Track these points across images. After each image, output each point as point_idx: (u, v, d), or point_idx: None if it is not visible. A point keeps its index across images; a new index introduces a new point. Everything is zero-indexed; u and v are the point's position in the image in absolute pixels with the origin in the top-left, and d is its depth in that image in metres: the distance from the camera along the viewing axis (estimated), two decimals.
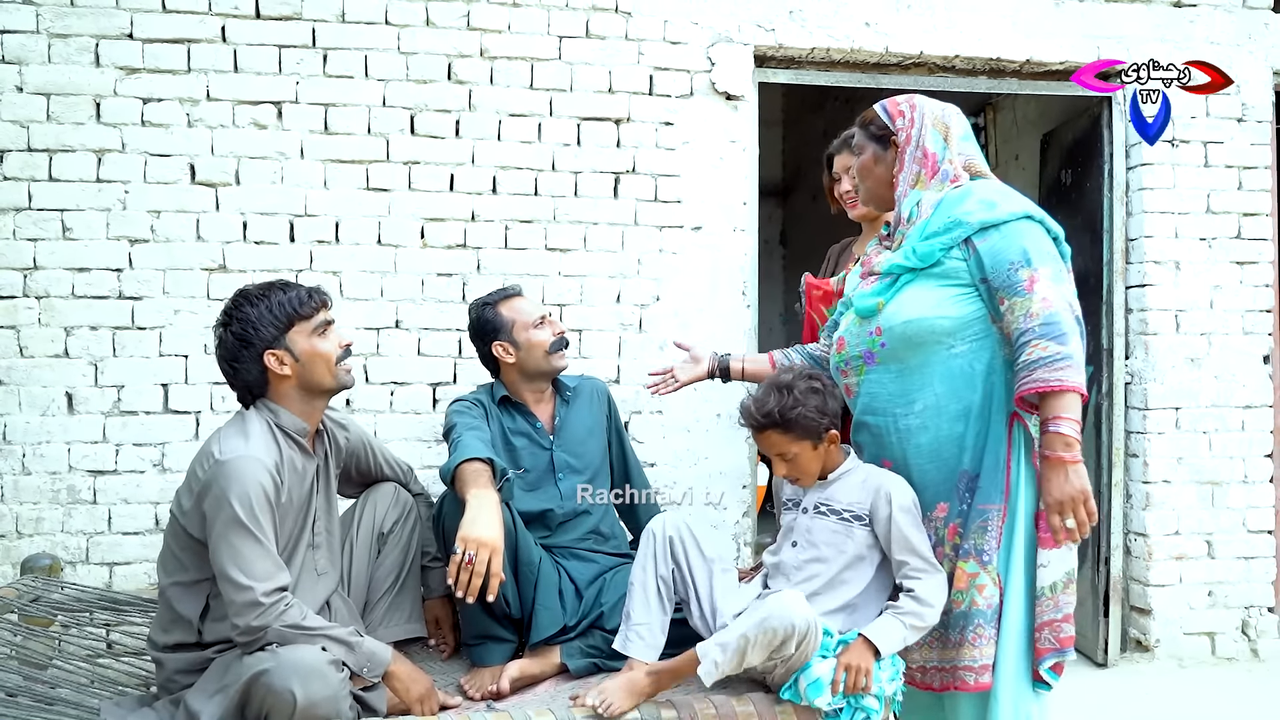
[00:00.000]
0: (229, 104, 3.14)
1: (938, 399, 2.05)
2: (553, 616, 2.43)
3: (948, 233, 2.01)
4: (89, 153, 3.08)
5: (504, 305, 2.66)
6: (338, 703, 1.92)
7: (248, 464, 2.00)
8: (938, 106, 2.15)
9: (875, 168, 2.20)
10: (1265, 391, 3.66)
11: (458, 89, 3.26)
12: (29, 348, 3.06)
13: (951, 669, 2.03)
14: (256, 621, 1.94)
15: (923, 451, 2.08)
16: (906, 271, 2.06)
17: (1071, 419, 1.88)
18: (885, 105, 2.18)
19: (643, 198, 3.37)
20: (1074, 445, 1.88)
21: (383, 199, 3.23)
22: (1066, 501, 1.90)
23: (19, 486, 3.05)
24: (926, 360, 2.04)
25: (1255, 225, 3.67)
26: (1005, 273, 1.96)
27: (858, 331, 2.14)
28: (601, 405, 2.79)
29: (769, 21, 3.41)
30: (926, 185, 2.11)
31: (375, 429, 3.21)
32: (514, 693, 2.36)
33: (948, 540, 2.07)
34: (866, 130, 2.22)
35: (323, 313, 2.17)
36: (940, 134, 2.12)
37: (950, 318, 2.01)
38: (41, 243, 3.06)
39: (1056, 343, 1.88)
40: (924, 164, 2.11)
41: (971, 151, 2.16)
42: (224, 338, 2.12)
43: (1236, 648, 3.63)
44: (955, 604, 2.04)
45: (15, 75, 3.04)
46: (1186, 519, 3.61)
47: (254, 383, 2.13)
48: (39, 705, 2.08)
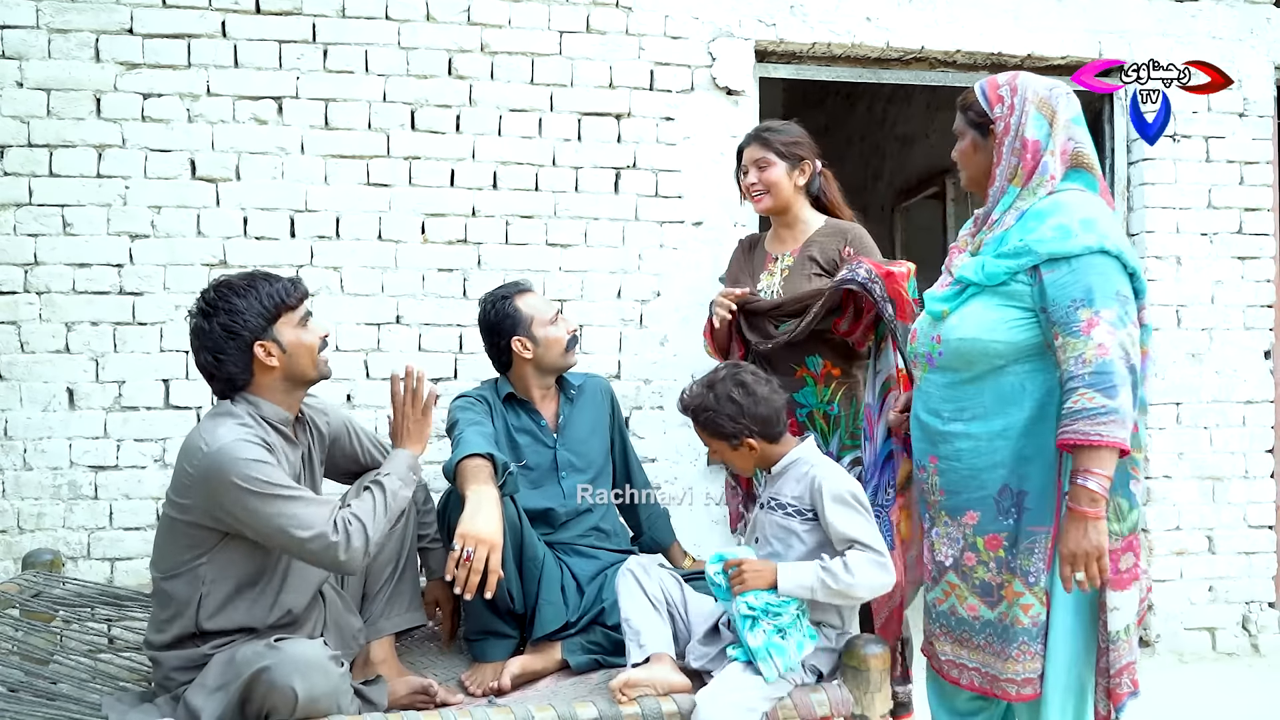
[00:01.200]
0: (229, 99, 3.14)
1: (985, 411, 2.02)
2: (556, 612, 2.43)
3: (1016, 258, 1.94)
4: (89, 148, 3.08)
5: (520, 300, 2.64)
6: (338, 697, 1.92)
7: (236, 446, 1.98)
8: (1044, 87, 2.00)
9: (975, 155, 2.08)
10: (1266, 387, 3.67)
11: (458, 84, 3.26)
12: (30, 343, 3.06)
13: (994, 678, 2.04)
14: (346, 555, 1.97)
15: (961, 457, 2.06)
16: (974, 284, 2.02)
17: (1102, 474, 1.83)
18: (984, 88, 2.04)
19: (643, 193, 3.37)
20: (1100, 501, 1.84)
21: (383, 194, 3.23)
22: (1080, 556, 1.86)
23: (20, 482, 3.05)
24: (978, 376, 2.03)
25: (1256, 220, 3.67)
26: (1065, 309, 1.88)
27: (927, 330, 2.13)
28: (605, 404, 2.78)
29: (770, 16, 3.41)
30: (1025, 181, 1.99)
31: (376, 425, 3.21)
32: (515, 689, 2.35)
33: (986, 550, 2.04)
34: (965, 116, 2.09)
35: (305, 303, 2.16)
36: (1045, 119, 1.98)
37: (1005, 343, 1.97)
38: (42, 238, 3.06)
39: (1104, 395, 1.82)
40: (1023, 156, 1.99)
41: (1080, 138, 2.02)
42: (208, 329, 2.06)
43: (1237, 643, 3.64)
44: (1002, 618, 2.03)
45: (16, 70, 3.04)
46: (1187, 514, 3.61)
47: (237, 374, 2.10)
48: (40, 700, 2.07)
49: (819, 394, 2.66)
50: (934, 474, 2.13)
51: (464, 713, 1.97)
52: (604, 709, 2.00)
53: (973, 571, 2.07)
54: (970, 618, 2.07)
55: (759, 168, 2.73)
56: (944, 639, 2.14)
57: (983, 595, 2.05)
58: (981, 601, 2.05)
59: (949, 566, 2.11)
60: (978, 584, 2.06)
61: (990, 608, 2.04)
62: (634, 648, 2.22)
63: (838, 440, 2.65)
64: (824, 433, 2.66)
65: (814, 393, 2.67)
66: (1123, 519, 1.96)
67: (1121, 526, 1.96)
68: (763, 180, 2.73)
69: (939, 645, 2.15)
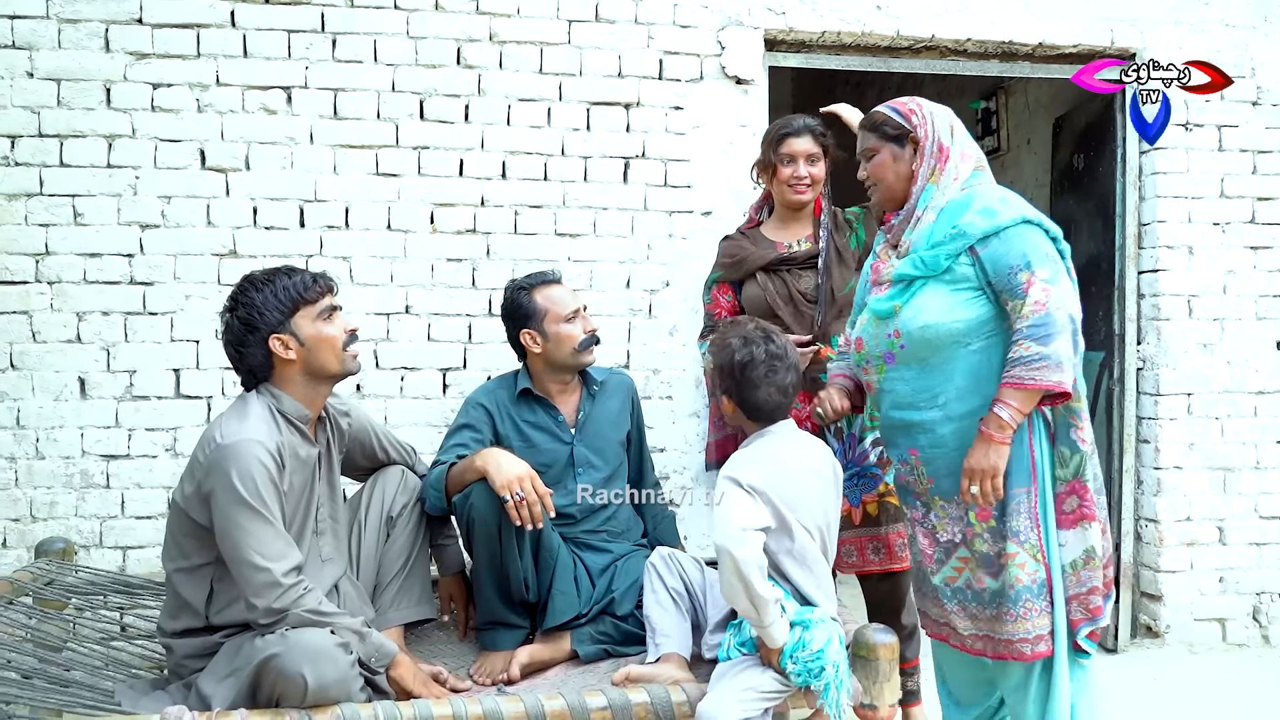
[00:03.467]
0: (239, 89, 3.15)
1: (959, 392, 2.15)
2: (569, 602, 2.44)
3: (952, 242, 2.12)
4: (99, 138, 3.09)
5: (539, 292, 2.61)
6: (348, 685, 1.94)
7: (249, 446, 2.01)
8: (936, 105, 2.29)
9: (894, 165, 2.26)
10: (1278, 377, 3.65)
11: (467, 74, 3.26)
12: (41, 333, 3.07)
13: (1006, 641, 2.13)
14: (278, 604, 1.96)
15: (947, 442, 2.17)
16: (918, 278, 2.17)
17: (1016, 408, 2.04)
18: (895, 107, 2.28)
19: (652, 182, 3.36)
20: (1006, 429, 2.05)
21: (392, 184, 3.23)
22: (978, 472, 2.07)
23: (33, 471, 3.07)
24: (945, 359, 2.15)
25: (1269, 210, 3.65)
26: (1006, 276, 2.08)
27: (875, 333, 2.24)
28: (626, 402, 2.76)
29: (779, 5, 3.40)
30: (939, 179, 2.21)
31: (385, 414, 3.22)
32: (524, 678, 2.37)
33: (979, 523, 2.16)
34: (879, 132, 2.28)
35: (328, 297, 2.17)
36: (948, 129, 2.24)
37: (964, 320, 2.12)
38: (53, 228, 3.07)
39: (1039, 344, 2.01)
40: (939, 158, 2.22)
41: (974, 148, 2.28)
42: (230, 323, 2.13)
43: (1247, 634, 3.63)
44: (1004, 584, 2.13)
45: (26, 60, 3.05)
46: (1198, 505, 3.61)
47: (258, 367, 2.14)
48: (54, 688, 2.09)
49: None
50: (919, 464, 2.23)
51: (473, 701, 1.98)
52: (613, 698, 2.01)
53: (974, 546, 2.18)
54: (979, 589, 2.18)
55: (811, 162, 2.71)
56: (962, 615, 2.21)
57: (986, 567, 2.17)
58: (987, 573, 2.17)
59: (958, 544, 2.21)
60: (980, 557, 2.17)
61: (994, 578, 2.16)
62: (651, 645, 2.29)
63: (860, 422, 2.64)
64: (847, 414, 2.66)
65: None
66: (1065, 465, 2.14)
67: (1065, 472, 2.14)
68: (813, 175, 2.72)
69: (958, 622, 2.22)
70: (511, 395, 2.64)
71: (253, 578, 1.96)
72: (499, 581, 2.44)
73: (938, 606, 2.26)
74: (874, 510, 2.66)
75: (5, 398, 3.06)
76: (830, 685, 2.01)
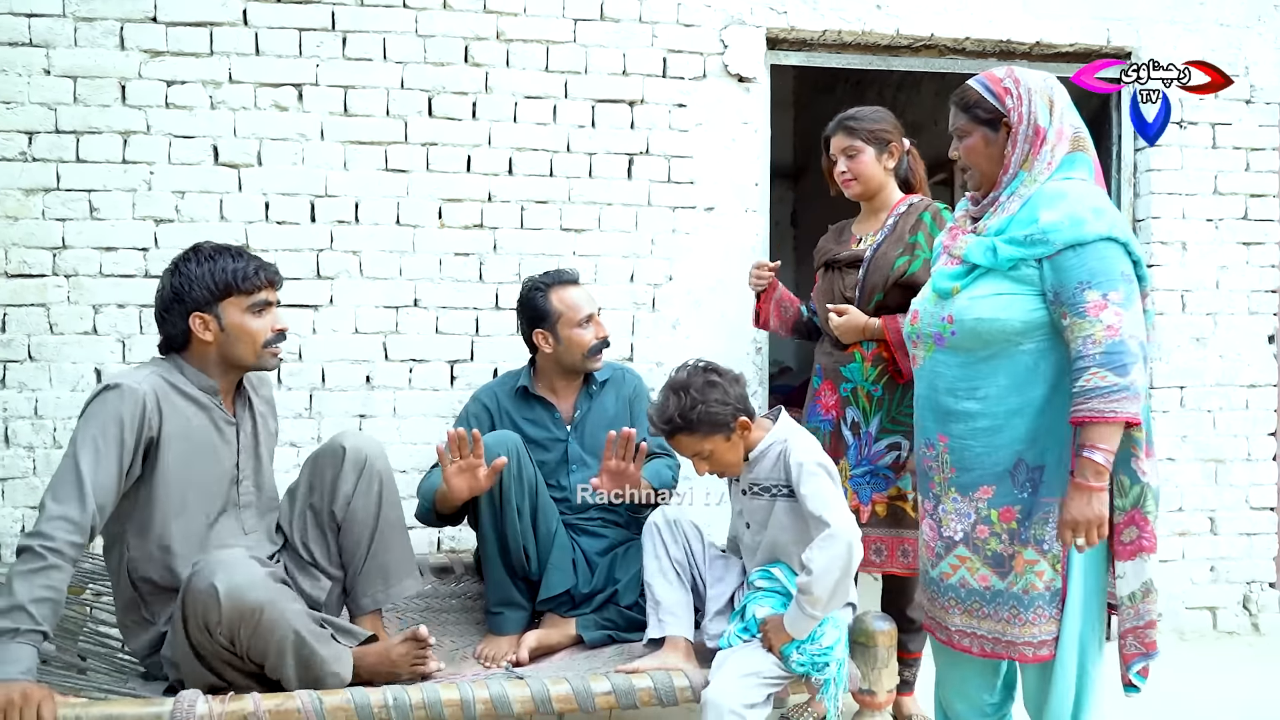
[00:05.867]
0: (251, 86, 3.20)
1: (1000, 390, 2.08)
2: (562, 578, 2.50)
3: (1031, 247, 2.01)
4: (115, 134, 3.15)
5: (555, 294, 2.65)
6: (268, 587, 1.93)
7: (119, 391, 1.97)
8: (1039, 78, 2.11)
9: (987, 150, 2.13)
10: (1270, 371, 3.70)
11: (475, 71, 3.31)
12: (58, 325, 3.14)
13: (1009, 643, 2.11)
14: (22, 540, 1.88)
15: (977, 434, 2.11)
16: (984, 267, 2.09)
17: (1106, 449, 1.93)
18: (988, 85, 2.12)
19: (656, 179, 3.42)
20: (1103, 474, 1.94)
21: (401, 180, 3.29)
22: (1083, 523, 1.96)
23: (50, 459, 3.13)
24: (994, 354, 2.08)
25: (1262, 206, 3.70)
26: (1072, 291, 1.97)
27: (932, 310, 2.17)
28: (627, 400, 2.79)
29: (781, 4, 3.45)
30: (1033, 164, 2.08)
31: (395, 406, 3.28)
32: (531, 661, 2.41)
33: (999, 523, 2.11)
34: (971, 113, 2.15)
35: (264, 292, 2.13)
36: (1047, 107, 2.08)
37: (1021, 320, 2.04)
38: (70, 223, 3.13)
39: (1115, 374, 1.91)
40: (1033, 141, 2.07)
41: (1076, 122, 2.12)
42: (163, 285, 2.12)
43: (1238, 622, 3.69)
44: (1010, 586, 2.09)
45: (43, 58, 3.10)
46: (1190, 496, 3.66)
47: (174, 336, 2.12)
48: (70, 672, 2.13)
49: (864, 371, 2.65)
50: (944, 451, 2.17)
51: (480, 685, 2.00)
52: (617, 683, 2.04)
53: (985, 544, 2.12)
54: (982, 588, 2.13)
55: (848, 156, 2.70)
56: (954, 610, 2.18)
57: (994, 566, 2.11)
58: (993, 572, 2.11)
59: (959, 540, 2.15)
60: (989, 555, 2.12)
61: (1000, 578, 2.11)
62: (653, 620, 2.27)
63: (878, 422, 2.64)
64: (865, 411, 2.66)
65: (859, 369, 2.65)
66: (1124, 495, 2.05)
67: (1124, 502, 2.05)
68: (851, 169, 2.70)
69: (949, 618, 2.19)
70: (510, 393, 2.72)
71: (37, 520, 1.91)
72: (503, 552, 2.49)
73: (930, 601, 2.24)
74: (882, 511, 2.64)
75: (24, 388, 3.12)
76: (831, 681, 2.04)
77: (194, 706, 1.85)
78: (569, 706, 2.02)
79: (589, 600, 2.55)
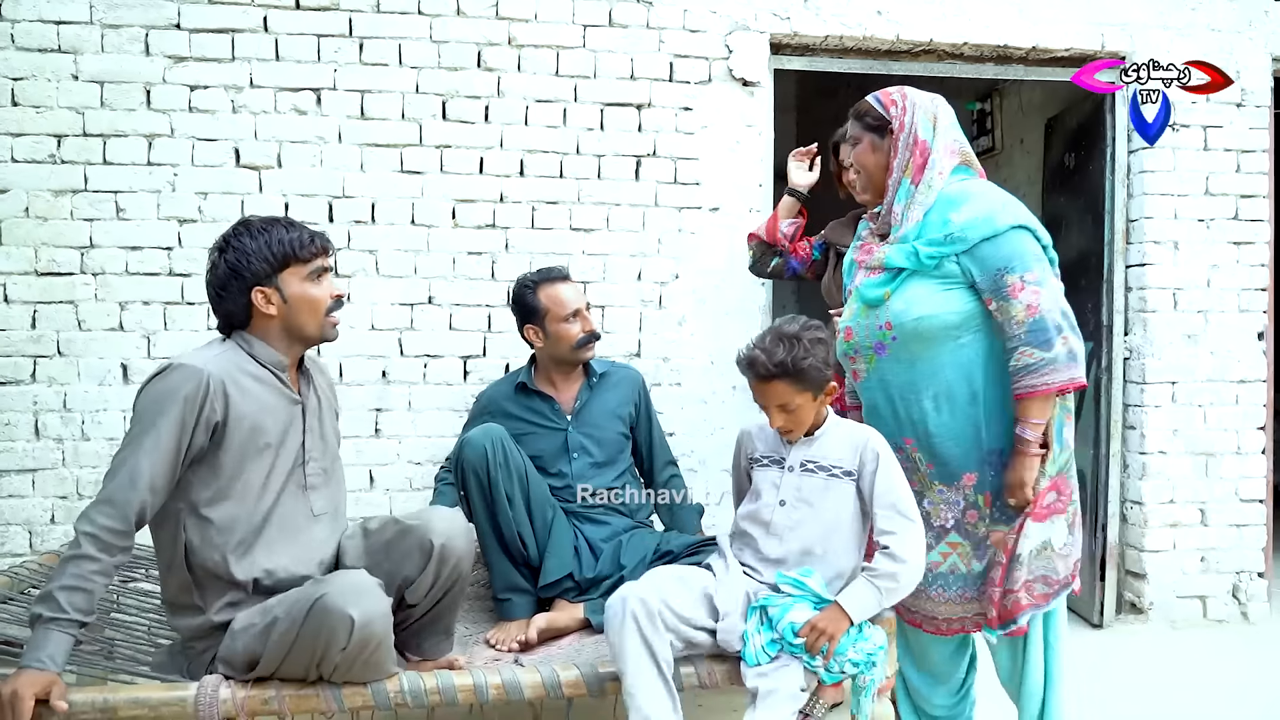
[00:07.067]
0: (271, 91, 3.29)
1: (949, 385, 2.18)
2: (560, 564, 2.58)
3: (950, 244, 2.13)
4: (140, 137, 3.24)
5: (543, 290, 2.77)
6: (387, 620, 1.92)
7: (183, 370, 1.92)
8: (926, 97, 2.28)
9: (873, 155, 2.28)
10: (1259, 367, 3.78)
11: (487, 76, 3.40)
12: (86, 322, 3.23)
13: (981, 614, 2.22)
14: (78, 524, 1.87)
15: (941, 432, 2.20)
16: (907, 270, 2.19)
17: (1038, 421, 2.10)
18: (878, 96, 2.29)
19: (663, 180, 3.50)
20: (1034, 441, 2.11)
21: (416, 181, 3.38)
22: (1016, 484, 2.13)
23: (79, 451, 3.23)
24: (937, 352, 2.17)
25: (1252, 207, 3.77)
26: (992, 277, 2.11)
27: (866, 322, 2.25)
28: (630, 394, 2.90)
29: (784, 10, 3.54)
30: (916, 176, 2.21)
31: (410, 400, 3.38)
32: (540, 644, 2.46)
33: (984, 507, 2.21)
34: (862, 121, 2.30)
35: (321, 259, 2.07)
36: (930, 123, 2.23)
37: (957, 313, 2.15)
38: (97, 223, 3.23)
39: (1041, 349, 2.06)
40: (913, 152, 2.21)
41: (959, 137, 2.28)
42: (216, 263, 2.03)
43: (1227, 611, 3.76)
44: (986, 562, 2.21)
45: (71, 64, 3.20)
46: (1181, 488, 3.73)
47: (235, 314, 2.05)
48: (98, 656, 2.18)
49: None
50: (915, 452, 2.24)
51: (492, 671, 2.05)
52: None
53: (975, 529, 2.22)
54: (967, 572, 2.22)
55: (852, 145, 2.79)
56: (939, 600, 2.25)
57: (976, 550, 2.21)
58: (975, 557, 2.22)
59: (950, 528, 2.24)
60: (975, 540, 2.22)
61: (979, 560, 2.21)
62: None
63: None
64: None
65: None
66: (1052, 461, 2.16)
67: (1050, 468, 2.16)
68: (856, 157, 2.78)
69: (934, 607, 2.25)
70: (510, 390, 2.85)
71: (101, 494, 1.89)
72: (500, 541, 2.57)
73: (914, 595, 2.15)
74: None
75: (53, 382, 3.22)
76: (874, 681, 2.02)
77: (217, 691, 1.90)
78: (578, 692, 2.05)
79: (596, 585, 2.61)
